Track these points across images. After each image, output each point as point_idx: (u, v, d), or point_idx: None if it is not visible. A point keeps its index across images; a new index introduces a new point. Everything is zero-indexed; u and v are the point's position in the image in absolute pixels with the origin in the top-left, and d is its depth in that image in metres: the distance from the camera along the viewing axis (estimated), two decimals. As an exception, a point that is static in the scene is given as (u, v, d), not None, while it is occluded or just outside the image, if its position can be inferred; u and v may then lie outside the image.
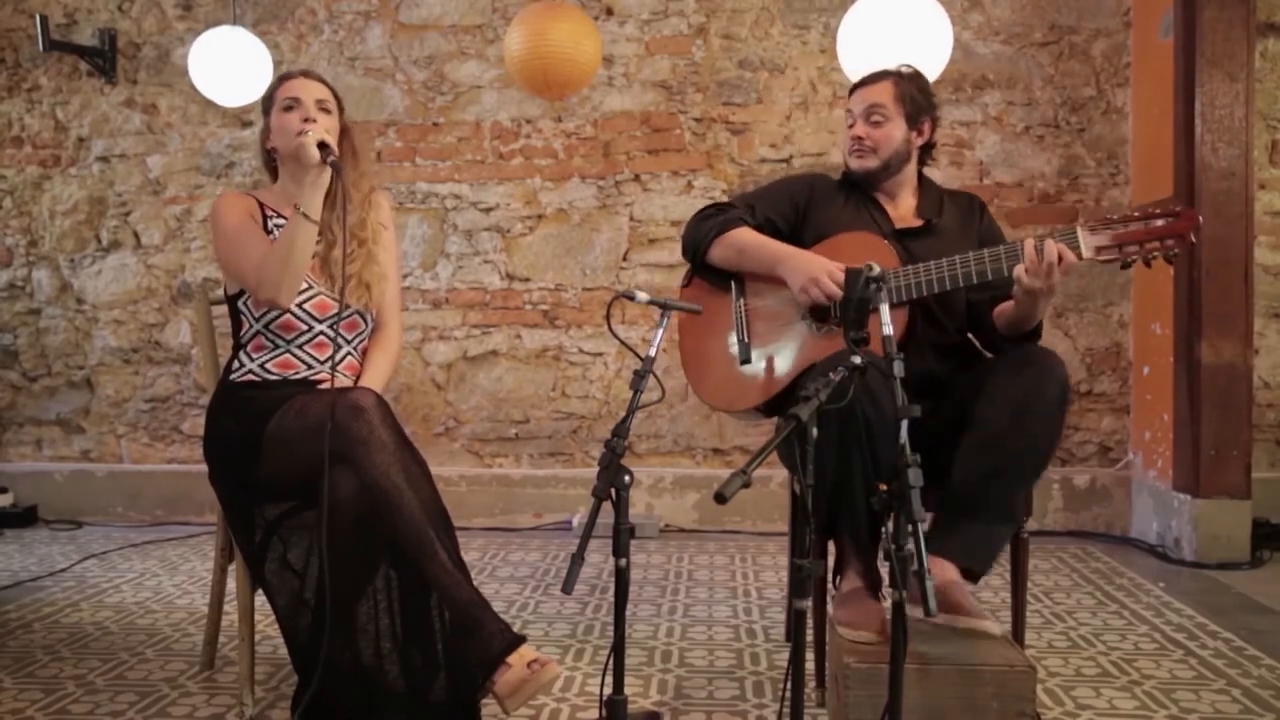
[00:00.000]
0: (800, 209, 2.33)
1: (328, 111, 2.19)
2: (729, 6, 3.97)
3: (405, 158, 4.10)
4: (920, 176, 2.36)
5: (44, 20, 4.02)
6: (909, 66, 2.34)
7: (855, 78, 3.07)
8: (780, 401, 2.21)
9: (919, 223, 2.25)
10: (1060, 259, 1.95)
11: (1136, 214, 1.99)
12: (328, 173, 2.09)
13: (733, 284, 2.30)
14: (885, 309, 1.54)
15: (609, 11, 4.00)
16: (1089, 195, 3.86)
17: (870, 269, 1.55)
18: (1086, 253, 1.99)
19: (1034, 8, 3.86)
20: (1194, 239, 1.96)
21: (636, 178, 4.02)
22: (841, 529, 2.02)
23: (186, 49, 3.67)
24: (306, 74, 2.24)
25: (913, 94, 2.27)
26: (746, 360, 2.25)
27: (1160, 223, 1.96)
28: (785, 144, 3.96)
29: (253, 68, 3.58)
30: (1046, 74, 3.86)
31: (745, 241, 2.26)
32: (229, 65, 3.56)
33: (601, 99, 4.02)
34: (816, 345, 2.17)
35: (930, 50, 2.91)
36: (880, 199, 2.31)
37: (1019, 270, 1.98)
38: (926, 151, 2.34)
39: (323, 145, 2.07)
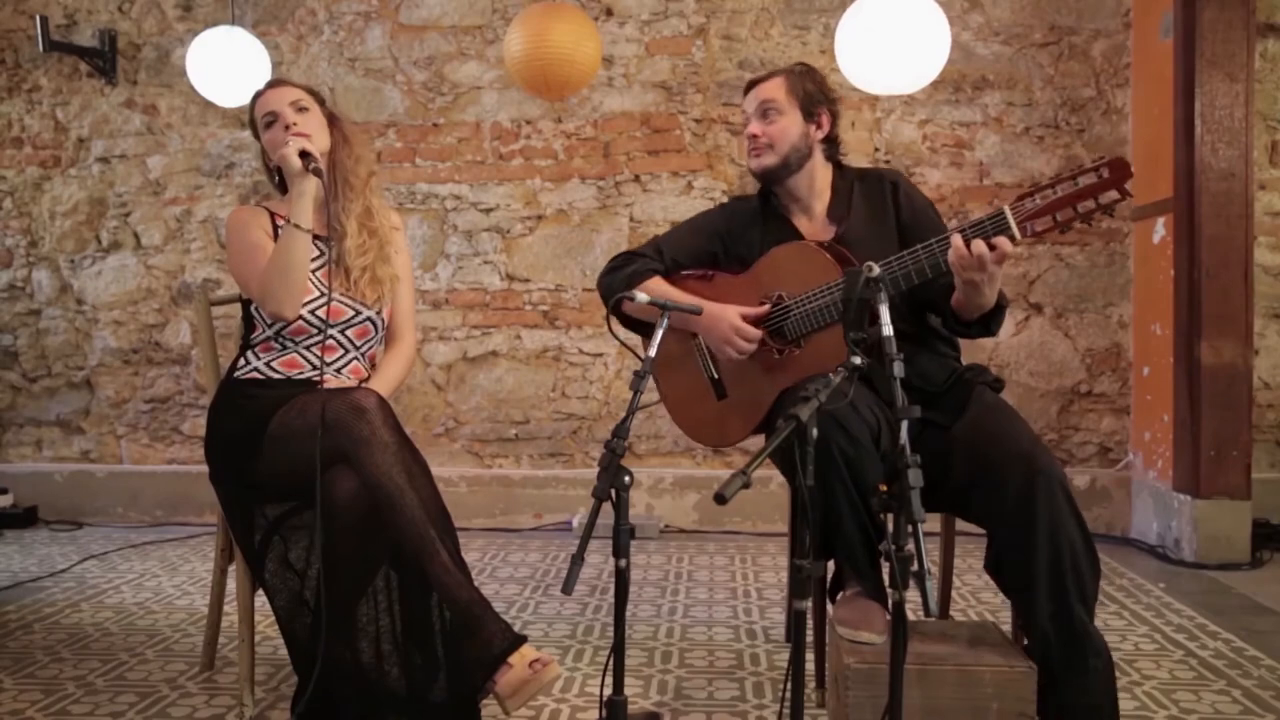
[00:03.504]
0: (721, 240, 2.30)
1: (305, 109, 2.19)
2: (729, 7, 3.97)
3: (405, 158, 4.10)
4: (835, 172, 2.26)
5: (44, 21, 4.02)
6: (802, 65, 2.28)
7: (855, 80, 3.09)
8: (764, 428, 2.20)
9: (830, 234, 2.18)
10: (994, 248, 1.83)
11: (1064, 175, 1.83)
12: (312, 180, 2.10)
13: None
14: (885, 309, 1.53)
15: (609, 12, 4.00)
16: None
17: (870, 269, 1.55)
18: (1019, 234, 1.84)
19: (1034, 8, 3.86)
20: (1128, 190, 1.80)
21: (636, 178, 4.02)
22: (837, 554, 2.01)
23: (187, 50, 3.67)
24: (273, 84, 2.24)
25: (806, 87, 2.20)
26: (723, 395, 2.25)
27: (1091, 179, 1.80)
28: (785, 144, 3.95)
29: (252, 68, 3.58)
30: (1046, 75, 3.86)
31: (655, 296, 2.21)
32: (228, 66, 3.55)
33: (601, 100, 4.02)
34: (785, 367, 2.14)
35: (929, 51, 2.91)
36: (792, 212, 2.25)
37: (952, 262, 1.87)
38: (833, 147, 2.25)
39: (303, 154, 2.08)
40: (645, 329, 2.30)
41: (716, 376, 2.25)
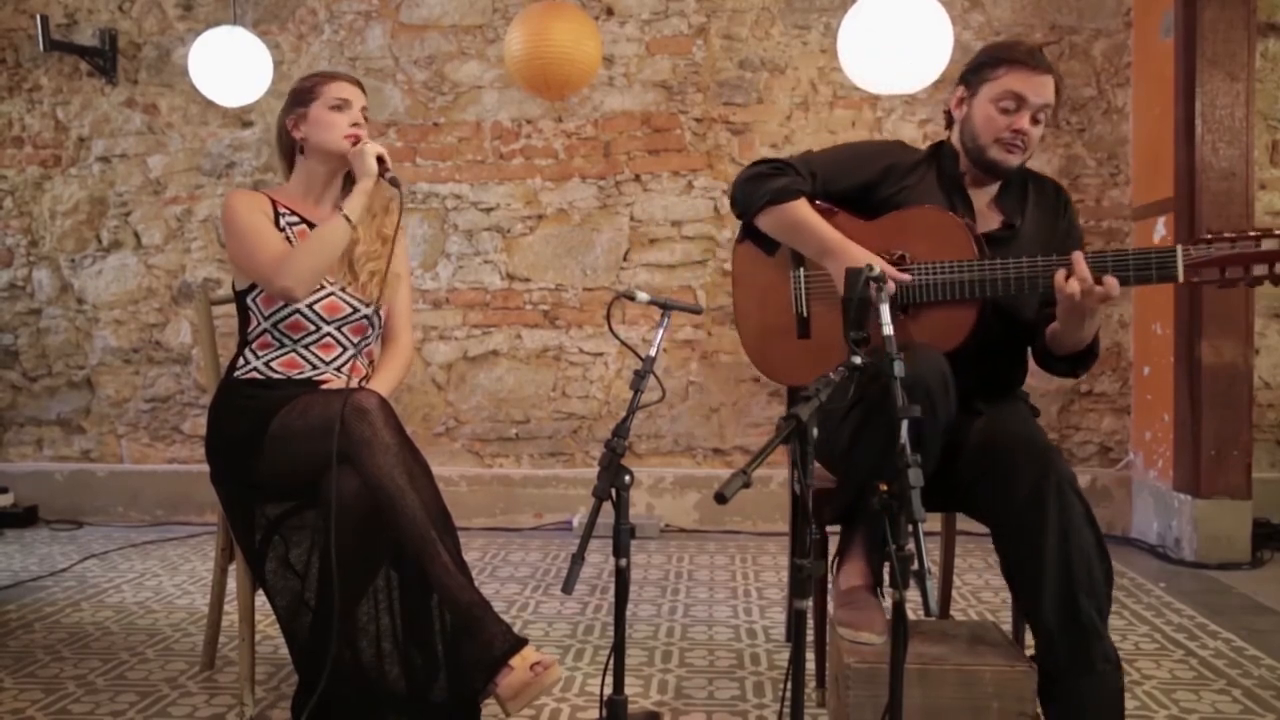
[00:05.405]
0: (871, 189, 2.16)
1: (367, 121, 2.23)
2: (729, 6, 3.97)
3: (406, 158, 4.10)
4: None
5: (44, 20, 4.02)
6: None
7: (857, 79, 3.08)
8: None
9: (997, 224, 2.12)
10: (1101, 281, 1.87)
11: (1248, 233, 1.82)
12: (384, 187, 2.15)
13: (790, 252, 2.19)
14: (885, 309, 1.53)
15: (609, 11, 4.00)
16: (1089, 195, 3.86)
17: (870, 269, 1.55)
18: (1181, 277, 1.84)
19: (1034, 8, 3.86)
20: None
21: (637, 178, 4.02)
22: (858, 519, 2.01)
23: (187, 49, 3.67)
24: (353, 80, 2.24)
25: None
26: (804, 335, 2.19)
27: (1274, 244, 1.79)
28: (786, 144, 3.95)
29: (253, 68, 3.58)
30: (1047, 74, 3.85)
31: (797, 220, 2.12)
32: (229, 65, 3.56)
33: (602, 99, 4.02)
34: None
35: (930, 50, 2.91)
36: (971, 192, 2.14)
37: (1067, 284, 1.89)
38: None
39: (380, 159, 2.12)
40: (771, 245, 2.21)
41: (806, 315, 2.19)
